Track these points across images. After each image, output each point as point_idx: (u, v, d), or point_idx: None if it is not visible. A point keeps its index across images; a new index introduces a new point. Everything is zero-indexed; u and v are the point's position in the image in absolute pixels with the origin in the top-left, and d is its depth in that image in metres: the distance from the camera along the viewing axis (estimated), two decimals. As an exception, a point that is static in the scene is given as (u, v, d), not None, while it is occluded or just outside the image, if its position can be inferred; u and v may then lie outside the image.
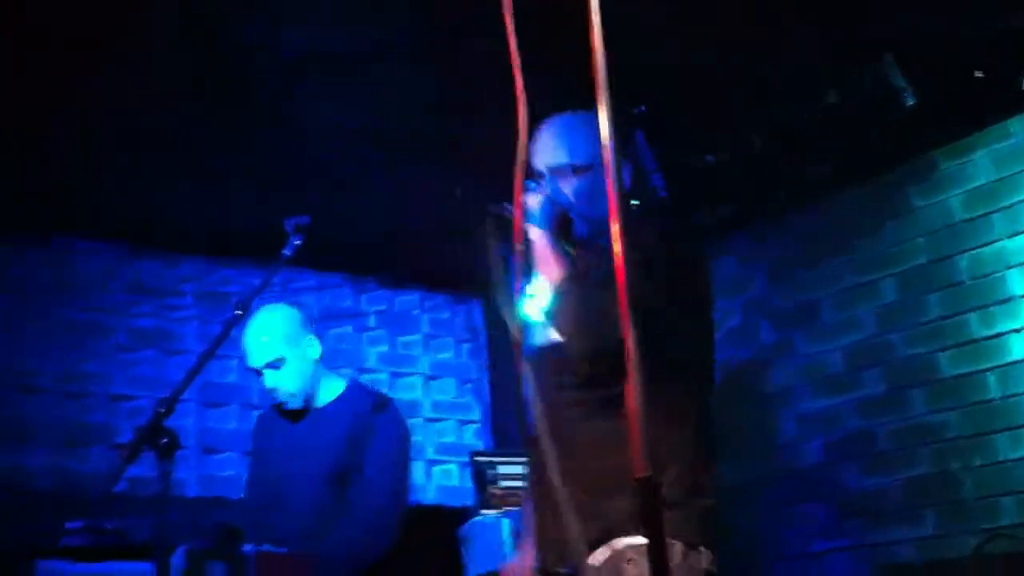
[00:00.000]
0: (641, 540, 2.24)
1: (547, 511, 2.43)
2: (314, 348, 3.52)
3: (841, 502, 4.66)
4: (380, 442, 3.37)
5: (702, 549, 2.26)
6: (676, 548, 2.23)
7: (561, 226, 2.35)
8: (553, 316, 2.37)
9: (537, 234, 2.34)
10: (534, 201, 2.37)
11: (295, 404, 3.46)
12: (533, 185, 2.44)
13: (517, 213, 1.62)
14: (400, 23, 3.79)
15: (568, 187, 2.42)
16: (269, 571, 2.90)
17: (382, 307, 6.19)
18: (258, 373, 3.46)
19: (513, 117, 1.59)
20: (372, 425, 3.39)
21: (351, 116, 4.43)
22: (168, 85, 4.07)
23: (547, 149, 2.47)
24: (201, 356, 2.67)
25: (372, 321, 6.13)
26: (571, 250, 2.33)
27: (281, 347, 3.41)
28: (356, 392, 3.57)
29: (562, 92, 2.26)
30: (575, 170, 2.39)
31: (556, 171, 2.45)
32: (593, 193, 2.37)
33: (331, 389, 3.54)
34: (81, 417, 5.11)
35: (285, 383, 3.42)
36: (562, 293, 2.30)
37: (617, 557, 2.24)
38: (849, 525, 4.60)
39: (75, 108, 4.16)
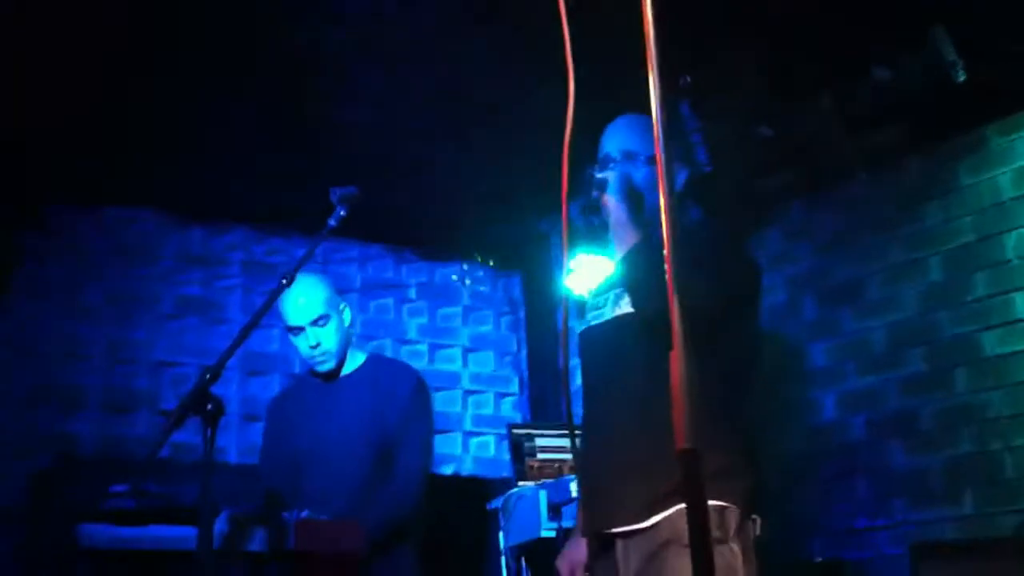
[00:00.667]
0: (710, 502, 2.35)
1: (601, 474, 2.57)
2: (347, 315, 3.64)
3: (883, 480, 4.63)
4: (409, 414, 3.49)
5: (755, 517, 2.42)
6: (733, 513, 2.36)
7: (634, 200, 2.61)
8: (624, 282, 2.57)
9: (614, 203, 2.60)
10: (611, 175, 2.64)
11: (331, 364, 3.54)
12: (600, 169, 2.72)
13: (564, 188, 1.63)
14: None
15: (638, 173, 2.67)
16: (310, 537, 2.92)
17: (423, 279, 6.21)
18: (300, 330, 3.51)
19: (564, 94, 1.59)
20: (400, 396, 3.50)
21: (401, 87, 4.44)
22: (220, 64, 4.12)
23: (621, 138, 2.74)
24: (246, 325, 2.69)
25: (413, 293, 6.16)
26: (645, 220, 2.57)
27: (324, 306, 3.51)
28: (379, 362, 3.70)
29: (611, 69, 2.27)
30: (647, 160, 2.66)
31: (629, 156, 2.70)
32: (655, 184, 2.55)
33: (355, 359, 3.64)
34: (127, 383, 5.18)
35: (327, 340, 3.51)
36: (634, 257, 2.50)
37: (672, 521, 2.34)
38: (891, 503, 4.57)
39: (133, 89, 4.24)
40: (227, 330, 5.41)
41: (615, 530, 2.50)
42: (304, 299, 3.49)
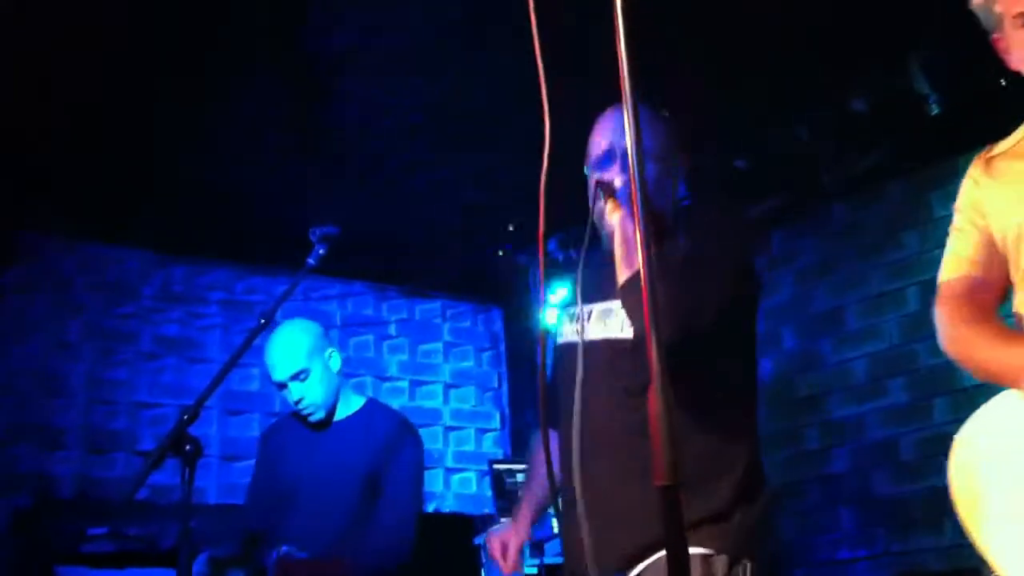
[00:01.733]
0: (694, 550, 2.16)
1: (584, 517, 2.30)
2: (335, 360, 3.56)
3: (865, 510, 4.63)
4: (402, 462, 3.42)
5: (745, 562, 2.21)
6: (720, 561, 2.18)
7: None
8: (628, 310, 2.26)
9: (621, 215, 2.30)
10: (620, 180, 2.34)
11: (320, 415, 3.48)
12: (602, 165, 2.40)
13: (541, 223, 1.61)
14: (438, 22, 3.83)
15: (648, 171, 2.34)
16: (291, 575, 2.90)
17: (403, 315, 6.20)
18: (283, 386, 3.47)
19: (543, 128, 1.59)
20: (394, 445, 3.43)
21: (381, 115, 4.46)
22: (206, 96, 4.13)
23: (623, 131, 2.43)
24: (226, 364, 2.67)
25: (393, 329, 6.14)
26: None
27: (305, 359, 3.44)
28: (375, 409, 3.61)
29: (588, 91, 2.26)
30: (654, 158, 2.33)
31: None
32: (660, 182, 2.36)
33: (350, 403, 3.57)
34: (106, 424, 5.14)
35: (311, 394, 3.44)
36: (638, 281, 2.21)
37: (658, 570, 2.18)
38: (873, 533, 4.57)
39: (119, 119, 4.23)
40: (206, 369, 5.37)
41: None
42: (283, 354, 3.44)
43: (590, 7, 1.81)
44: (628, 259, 2.23)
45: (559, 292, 5.53)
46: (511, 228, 5.58)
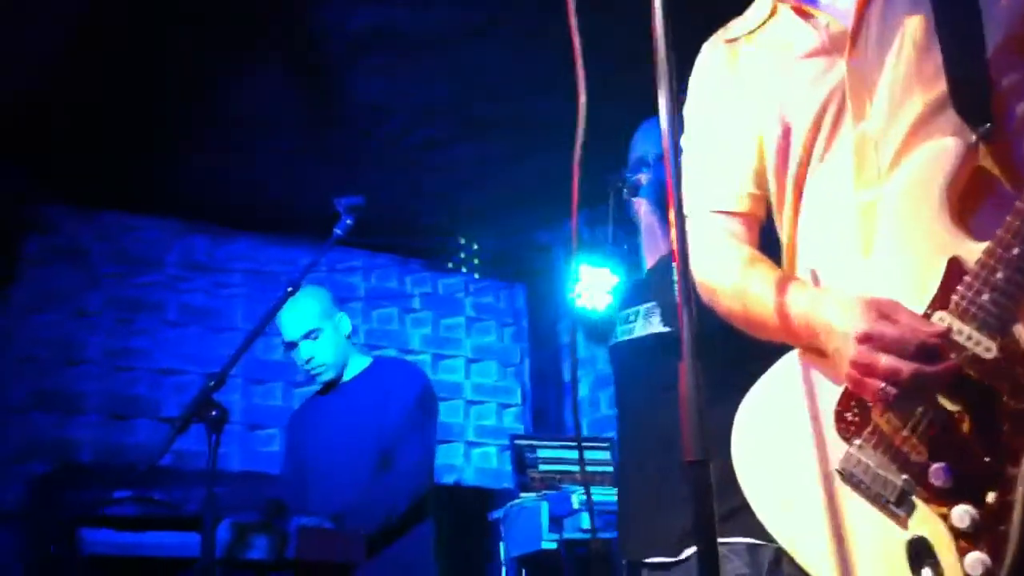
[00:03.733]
0: (736, 540, 2.19)
1: (641, 501, 2.44)
2: (345, 324, 3.63)
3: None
4: (410, 408, 3.46)
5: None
6: (767, 550, 2.20)
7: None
8: (656, 297, 2.41)
9: (646, 208, 2.49)
10: (645, 178, 2.53)
11: (329, 375, 3.57)
12: (643, 167, 2.58)
13: (575, 199, 1.60)
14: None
15: None
16: (311, 545, 2.92)
17: (427, 289, 6.22)
18: (294, 345, 3.54)
19: (571, 106, 1.57)
20: (395, 388, 3.49)
21: (408, 96, 4.45)
22: (225, 63, 4.12)
23: (658, 137, 2.46)
24: (252, 332, 2.70)
25: (416, 303, 6.16)
26: None
27: (317, 319, 3.52)
28: (381, 365, 3.69)
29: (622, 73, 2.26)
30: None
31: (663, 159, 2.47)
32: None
33: (358, 364, 3.64)
34: (128, 390, 5.18)
35: (321, 354, 3.53)
36: (666, 270, 2.32)
37: None
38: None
39: (141, 94, 4.25)
40: (229, 338, 5.41)
41: (646, 560, 2.41)
42: (295, 314, 3.52)
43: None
44: (652, 247, 2.43)
45: (583, 270, 5.54)
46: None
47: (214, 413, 2.47)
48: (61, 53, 3.94)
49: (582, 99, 1.49)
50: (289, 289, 2.78)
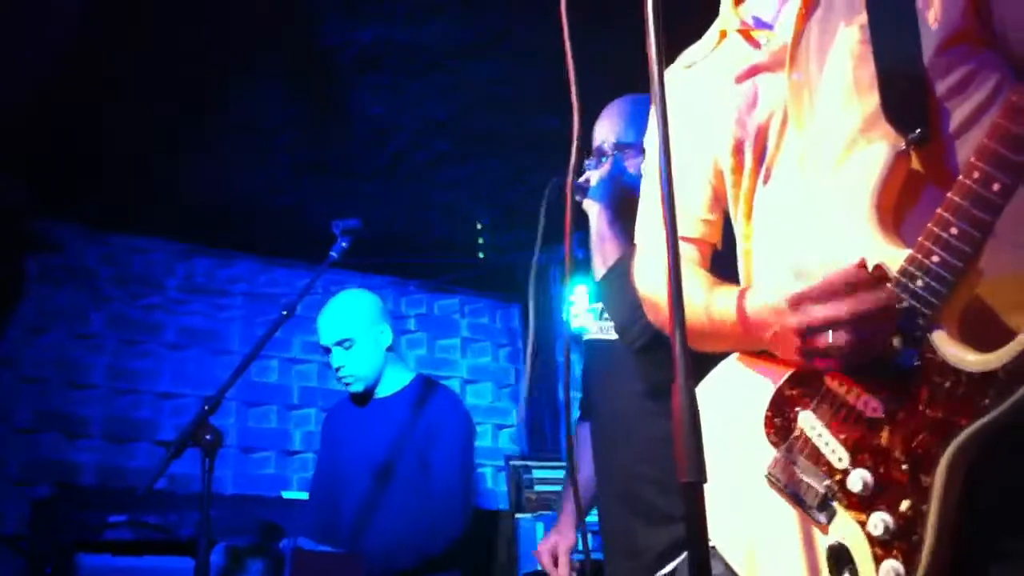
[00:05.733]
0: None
1: (621, 515, 2.37)
2: (386, 336, 3.53)
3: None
4: (447, 437, 3.36)
5: None
6: None
7: (622, 205, 2.21)
8: (604, 305, 2.29)
9: (596, 210, 2.26)
10: (594, 176, 2.31)
11: (357, 388, 3.47)
12: (592, 163, 2.37)
13: (568, 219, 1.61)
14: (466, 20, 3.83)
15: (633, 167, 2.30)
16: (306, 568, 2.92)
17: (422, 310, 6.22)
18: (327, 351, 3.48)
19: (565, 125, 1.58)
20: (440, 421, 3.38)
21: (406, 114, 4.47)
22: (232, 89, 4.14)
23: (614, 126, 2.41)
24: (247, 356, 2.70)
25: (412, 324, 6.16)
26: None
27: (353, 328, 3.45)
28: (424, 385, 3.54)
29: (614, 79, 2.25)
30: (643, 150, 2.14)
31: (622, 148, 2.37)
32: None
33: (397, 380, 3.53)
34: (129, 413, 5.17)
35: (352, 364, 3.45)
36: (613, 282, 2.18)
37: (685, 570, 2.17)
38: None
39: (144, 114, 4.26)
40: (228, 361, 5.40)
41: None
42: (332, 319, 3.47)
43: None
44: (600, 253, 2.23)
45: (578, 290, 5.55)
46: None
47: (208, 437, 2.47)
48: (64, 73, 3.95)
49: (576, 124, 1.50)
50: (284, 313, 2.78)
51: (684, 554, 2.18)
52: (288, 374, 5.67)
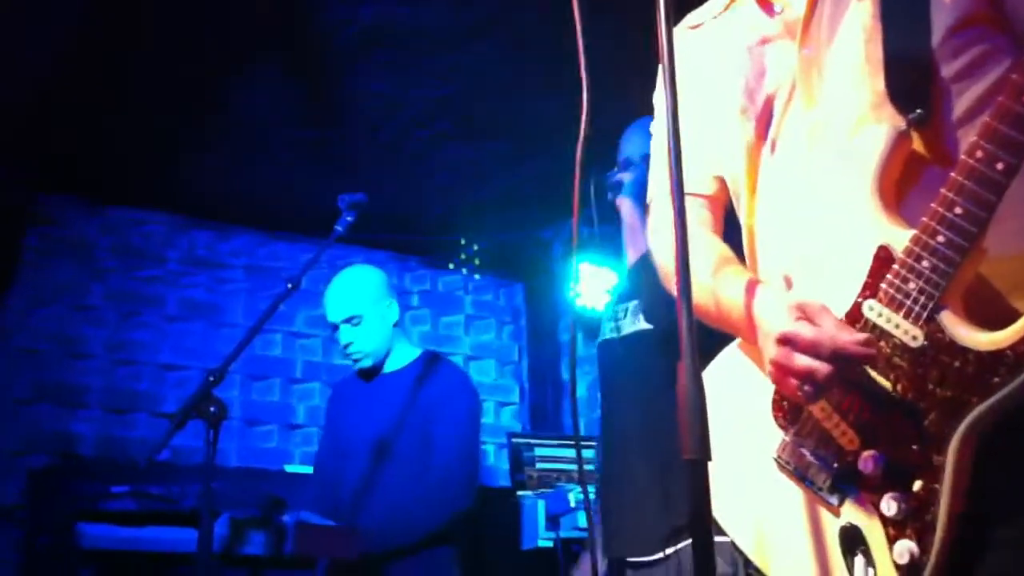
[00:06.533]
0: (719, 539, 2.22)
1: (627, 500, 2.45)
2: (393, 311, 3.51)
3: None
4: (452, 414, 3.34)
5: None
6: None
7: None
8: (638, 295, 2.44)
9: (628, 206, 2.52)
10: (628, 177, 2.57)
11: (366, 363, 3.46)
12: (629, 167, 2.63)
13: (576, 196, 1.61)
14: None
15: None
16: (308, 541, 2.93)
17: (426, 287, 6.22)
18: (335, 327, 3.46)
19: (572, 104, 1.58)
20: (446, 397, 3.37)
21: (409, 95, 4.45)
22: (228, 60, 4.13)
23: (644, 138, 2.46)
24: (252, 329, 2.70)
25: (415, 300, 6.16)
26: None
27: (361, 304, 3.42)
28: (428, 361, 3.52)
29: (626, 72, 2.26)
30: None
31: (649, 160, 2.47)
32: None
33: (404, 355, 3.52)
34: (129, 385, 5.19)
35: (360, 341, 3.42)
36: (647, 267, 2.25)
37: (687, 553, 2.23)
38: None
39: (144, 85, 4.24)
40: (229, 334, 5.41)
41: (630, 559, 2.43)
42: (338, 296, 3.44)
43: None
44: (633, 245, 2.48)
45: (583, 267, 5.55)
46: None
47: (212, 409, 2.48)
48: (65, 49, 3.93)
49: (585, 96, 1.49)
50: (289, 286, 2.78)
51: (684, 543, 2.25)
52: (292, 348, 5.67)
